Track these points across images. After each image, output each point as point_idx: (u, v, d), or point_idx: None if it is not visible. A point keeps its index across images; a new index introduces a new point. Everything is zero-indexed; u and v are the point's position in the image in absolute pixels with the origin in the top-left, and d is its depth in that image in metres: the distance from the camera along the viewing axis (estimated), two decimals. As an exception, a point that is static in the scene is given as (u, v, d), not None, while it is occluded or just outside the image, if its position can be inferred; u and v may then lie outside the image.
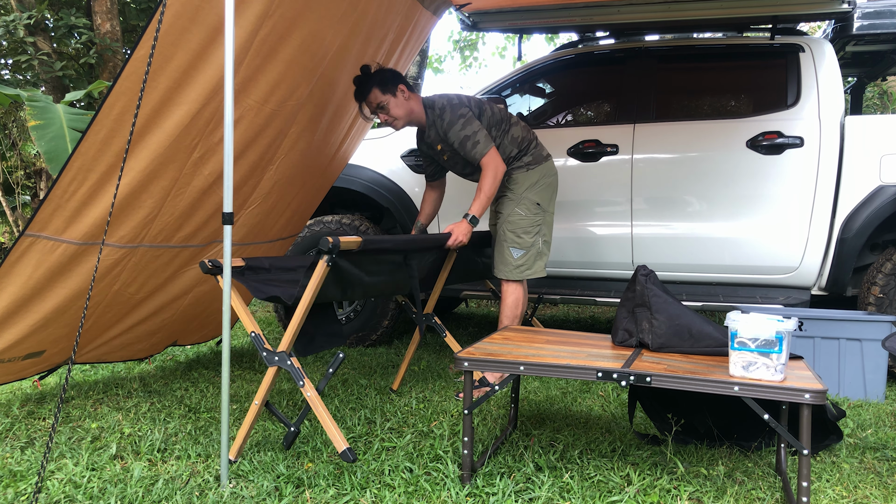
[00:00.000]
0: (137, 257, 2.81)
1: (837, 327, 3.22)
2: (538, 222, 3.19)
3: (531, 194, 3.18)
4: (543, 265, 3.23)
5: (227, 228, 2.11)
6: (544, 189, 3.21)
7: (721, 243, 3.66)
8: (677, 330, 2.26)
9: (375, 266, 2.74)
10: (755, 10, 3.65)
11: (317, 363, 3.79)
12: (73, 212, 2.43)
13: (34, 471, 2.24)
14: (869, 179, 3.46)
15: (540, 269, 3.22)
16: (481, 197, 3.02)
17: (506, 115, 3.24)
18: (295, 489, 2.10)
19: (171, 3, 2.13)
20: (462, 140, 3.05)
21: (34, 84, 7.50)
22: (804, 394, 1.81)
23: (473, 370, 2.15)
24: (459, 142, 3.06)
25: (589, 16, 3.88)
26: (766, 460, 2.38)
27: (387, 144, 4.23)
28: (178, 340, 3.73)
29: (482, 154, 3.03)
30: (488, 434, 2.61)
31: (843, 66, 4.38)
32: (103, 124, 2.28)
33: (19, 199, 7.31)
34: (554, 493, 2.07)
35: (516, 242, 3.16)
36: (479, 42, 12.31)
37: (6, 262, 2.43)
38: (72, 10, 6.86)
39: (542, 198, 3.20)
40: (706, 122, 3.74)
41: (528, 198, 3.17)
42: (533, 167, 3.20)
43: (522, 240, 3.17)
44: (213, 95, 2.45)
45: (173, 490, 2.08)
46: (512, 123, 3.24)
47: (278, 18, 2.50)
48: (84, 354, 3.17)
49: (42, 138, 4.30)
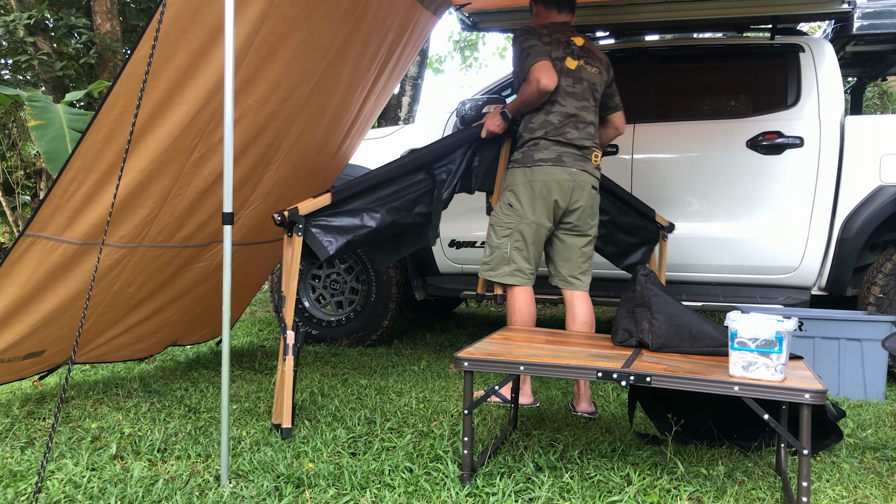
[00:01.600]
0: (137, 257, 2.81)
1: (837, 327, 3.22)
2: (509, 225, 2.97)
3: (507, 193, 3.03)
4: (510, 272, 2.97)
5: (227, 228, 2.11)
6: (524, 193, 2.95)
7: (721, 243, 3.66)
8: (677, 330, 2.26)
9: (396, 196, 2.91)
10: (755, 10, 3.65)
11: (317, 363, 3.79)
12: (73, 212, 2.43)
13: (34, 471, 2.24)
14: (869, 179, 3.46)
15: (505, 275, 2.98)
16: (517, 97, 2.97)
17: (558, 92, 2.97)
18: (295, 489, 2.10)
19: (171, 3, 2.13)
20: (520, 54, 2.95)
21: (34, 84, 7.50)
22: (804, 394, 1.81)
23: (474, 370, 2.15)
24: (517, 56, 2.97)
25: (589, 16, 3.89)
26: (766, 460, 2.38)
27: (387, 144, 4.23)
28: (178, 340, 3.74)
29: (531, 65, 2.88)
30: (488, 434, 2.61)
31: (843, 66, 4.38)
32: (103, 124, 2.28)
33: (19, 199, 7.31)
34: (554, 493, 2.07)
35: (489, 238, 3.07)
36: (479, 42, 12.32)
37: (6, 262, 2.43)
38: (72, 10, 6.86)
39: (519, 201, 2.96)
40: (706, 122, 3.74)
41: (505, 196, 3.04)
42: (517, 167, 3.00)
43: (491, 238, 3.05)
44: (213, 95, 2.45)
45: (173, 490, 2.08)
46: (551, 109, 2.97)
47: (278, 18, 2.50)
48: (84, 354, 3.17)
49: (42, 138, 4.30)
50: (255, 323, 5.25)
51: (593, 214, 3.05)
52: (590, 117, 3.02)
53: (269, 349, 4.22)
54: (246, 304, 4.08)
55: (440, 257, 4.13)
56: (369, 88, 3.55)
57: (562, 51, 2.98)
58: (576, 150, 2.96)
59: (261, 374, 3.55)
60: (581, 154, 2.97)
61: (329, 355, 3.98)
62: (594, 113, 3.05)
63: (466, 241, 4.05)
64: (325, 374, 3.55)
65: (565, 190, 2.93)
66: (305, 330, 3.25)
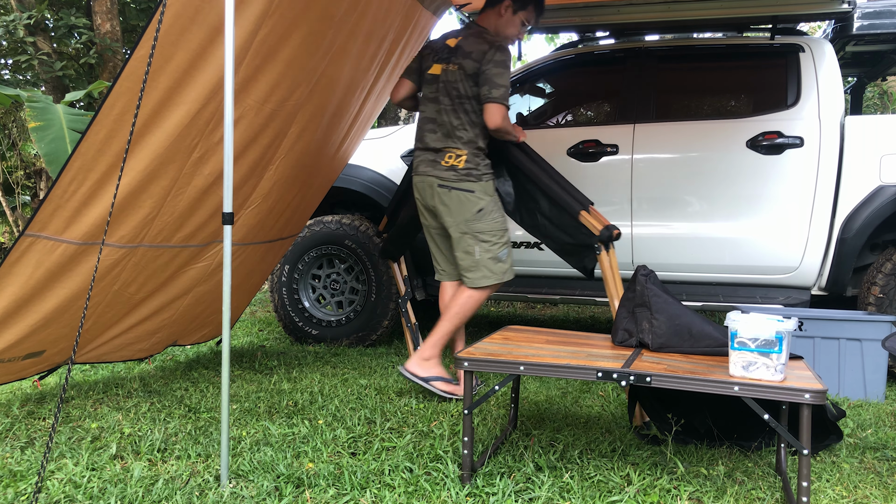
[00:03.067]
0: (137, 257, 2.81)
1: (837, 327, 3.22)
2: None
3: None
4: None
5: (227, 228, 2.11)
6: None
7: (721, 243, 3.66)
8: (677, 330, 2.27)
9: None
10: (755, 10, 3.65)
11: (317, 363, 3.79)
12: (73, 212, 2.43)
13: (34, 471, 2.24)
14: (869, 179, 3.46)
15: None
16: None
17: (422, 100, 3.15)
18: (295, 489, 2.10)
19: (171, 3, 2.13)
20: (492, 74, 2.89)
21: (34, 84, 7.50)
22: (804, 394, 1.81)
23: (474, 370, 2.15)
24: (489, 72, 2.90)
25: (589, 16, 3.89)
26: (766, 460, 2.38)
27: (387, 144, 4.23)
28: (178, 340, 3.73)
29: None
30: (488, 434, 2.61)
31: (843, 66, 4.37)
32: (103, 124, 2.28)
33: (19, 199, 7.31)
34: (554, 493, 2.07)
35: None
36: (479, 42, 12.29)
37: (6, 262, 2.43)
38: (72, 10, 6.86)
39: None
40: (706, 122, 3.74)
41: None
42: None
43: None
44: (213, 95, 2.45)
45: (173, 490, 2.08)
46: (418, 118, 3.17)
47: (278, 18, 2.50)
48: (84, 354, 3.17)
49: (42, 140, 4.30)
50: (255, 323, 5.25)
51: (449, 213, 3.03)
52: (446, 118, 3.01)
53: (269, 349, 4.22)
54: (246, 304, 4.08)
55: (440, 257, 4.13)
56: (369, 88, 3.55)
57: (430, 59, 3.11)
58: (429, 154, 3.07)
59: (261, 374, 3.55)
60: (434, 157, 3.05)
61: (329, 355, 3.98)
62: (454, 113, 2.99)
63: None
64: (325, 374, 3.55)
65: (421, 192, 3.12)
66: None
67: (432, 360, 3.09)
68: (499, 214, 3.05)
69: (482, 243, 3.01)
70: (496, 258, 3.03)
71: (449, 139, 3.00)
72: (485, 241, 3.01)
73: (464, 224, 3.01)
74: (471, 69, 2.93)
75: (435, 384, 3.05)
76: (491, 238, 3.02)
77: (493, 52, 2.90)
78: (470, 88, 2.96)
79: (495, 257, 3.03)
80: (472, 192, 2.99)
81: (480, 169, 3.01)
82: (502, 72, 2.89)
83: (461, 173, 2.99)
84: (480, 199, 3.00)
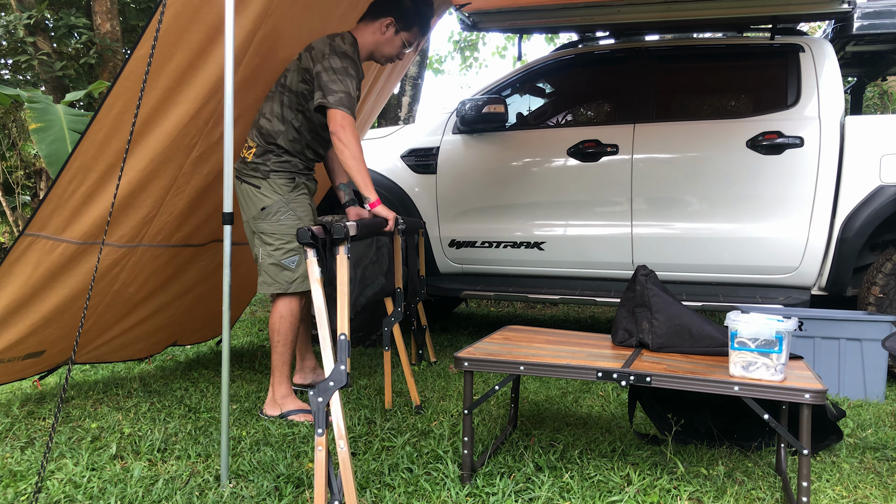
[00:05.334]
0: (137, 257, 2.81)
1: (837, 327, 3.22)
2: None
3: None
4: None
5: (227, 228, 2.11)
6: None
7: (721, 243, 3.66)
8: (677, 330, 2.26)
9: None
10: (755, 10, 3.65)
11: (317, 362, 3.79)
12: (73, 211, 2.43)
13: (34, 471, 2.24)
14: (869, 179, 3.46)
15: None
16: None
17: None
18: (295, 489, 2.10)
19: (171, 3, 2.13)
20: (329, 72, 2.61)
21: (34, 84, 7.50)
22: (804, 394, 1.81)
23: (474, 370, 2.14)
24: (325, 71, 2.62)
25: (589, 16, 3.88)
26: (766, 460, 2.38)
27: (386, 144, 4.23)
28: (178, 340, 3.74)
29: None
30: (488, 434, 2.61)
31: (843, 66, 4.38)
32: (103, 124, 2.29)
33: (19, 199, 7.31)
34: (554, 493, 2.07)
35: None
36: (479, 42, 12.30)
37: (6, 261, 2.43)
38: (72, 10, 6.86)
39: None
40: (706, 122, 3.74)
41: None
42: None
43: None
44: (213, 94, 2.46)
45: (173, 490, 2.08)
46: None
47: (278, 18, 2.50)
48: (84, 354, 3.17)
49: (43, 141, 4.31)
50: (255, 323, 5.25)
51: (242, 208, 2.83)
52: (263, 108, 2.80)
53: (269, 349, 4.22)
54: (246, 304, 4.08)
55: (440, 257, 4.13)
56: (369, 88, 3.55)
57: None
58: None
59: (261, 374, 3.54)
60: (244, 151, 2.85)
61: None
62: (269, 101, 2.78)
63: (466, 241, 4.05)
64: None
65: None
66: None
67: (287, 398, 2.84)
68: (287, 218, 2.75)
69: (265, 245, 2.75)
70: (278, 265, 2.74)
71: (252, 129, 2.80)
72: (268, 243, 2.75)
73: (252, 222, 2.78)
74: (302, 65, 2.71)
75: (292, 417, 2.80)
76: (274, 242, 2.74)
77: (332, 56, 2.64)
78: (297, 83, 2.73)
79: (277, 264, 2.73)
80: (258, 189, 2.74)
81: (269, 165, 2.75)
82: (339, 78, 2.61)
83: (249, 166, 2.76)
84: (266, 197, 2.73)
